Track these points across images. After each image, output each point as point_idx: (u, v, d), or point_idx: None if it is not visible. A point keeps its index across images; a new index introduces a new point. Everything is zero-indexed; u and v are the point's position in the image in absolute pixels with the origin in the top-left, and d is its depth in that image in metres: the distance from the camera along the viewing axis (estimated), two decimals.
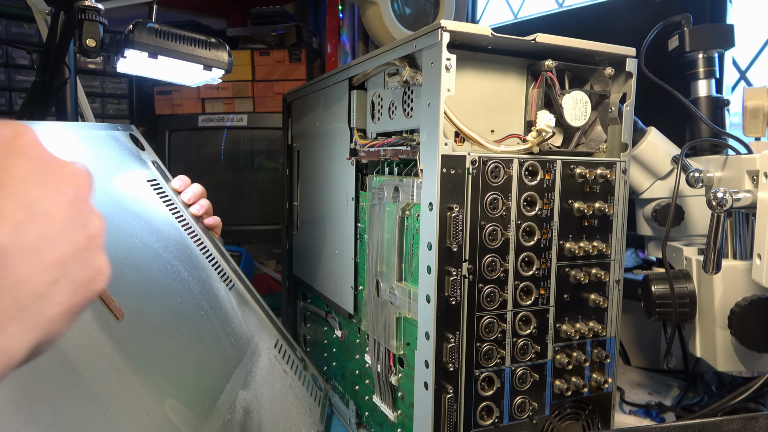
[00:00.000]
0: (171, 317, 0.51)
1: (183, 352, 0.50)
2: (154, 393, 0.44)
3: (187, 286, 0.55)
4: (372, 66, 0.60)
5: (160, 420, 0.43)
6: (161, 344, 0.49)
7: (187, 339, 0.51)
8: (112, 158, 0.58)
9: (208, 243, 0.64)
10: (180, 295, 0.54)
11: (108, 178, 0.55)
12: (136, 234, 0.53)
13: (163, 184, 0.63)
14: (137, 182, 0.60)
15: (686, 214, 0.76)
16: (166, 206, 0.61)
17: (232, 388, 0.53)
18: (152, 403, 0.44)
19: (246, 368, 0.57)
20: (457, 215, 0.49)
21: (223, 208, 1.35)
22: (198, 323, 0.54)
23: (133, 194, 0.58)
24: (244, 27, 1.43)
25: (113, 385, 0.41)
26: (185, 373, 0.49)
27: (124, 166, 0.59)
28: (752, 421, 0.48)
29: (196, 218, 0.65)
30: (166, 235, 0.58)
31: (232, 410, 0.51)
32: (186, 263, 0.57)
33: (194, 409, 0.47)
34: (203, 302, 0.56)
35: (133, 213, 0.55)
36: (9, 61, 1.26)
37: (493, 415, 0.54)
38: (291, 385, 0.62)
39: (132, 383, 0.43)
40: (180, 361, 0.49)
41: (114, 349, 0.43)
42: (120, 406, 0.41)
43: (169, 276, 0.54)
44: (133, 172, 0.60)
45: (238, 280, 0.65)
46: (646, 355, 0.94)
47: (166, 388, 0.46)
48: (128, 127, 0.65)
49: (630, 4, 0.95)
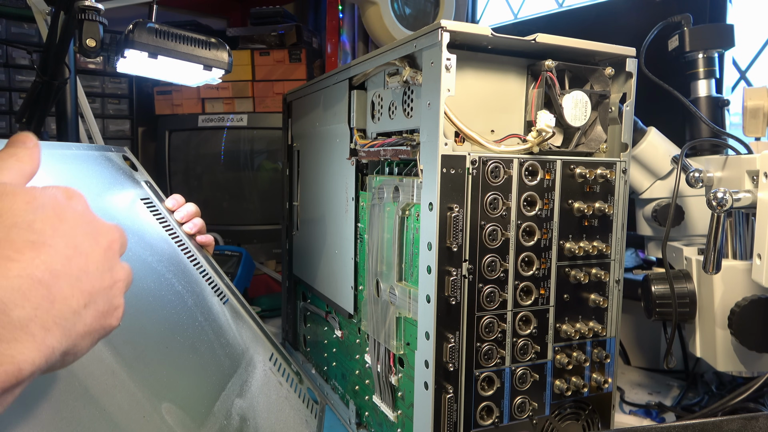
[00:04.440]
0: (165, 326, 0.52)
1: (178, 360, 0.51)
2: (149, 396, 0.45)
3: (182, 298, 0.56)
4: (372, 66, 0.60)
5: (156, 422, 0.44)
6: (156, 351, 0.49)
7: (181, 347, 0.52)
8: (105, 177, 0.59)
9: (201, 259, 0.65)
10: (174, 306, 0.54)
11: (101, 194, 0.56)
12: (131, 248, 0.53)
13: (156, 203, 0.64)
14: (131, 200, 0.61)
15: (686, 214, 0.76)
16: (160, 223, 0.62)
17: (228, 396, 0.53)
18: (148, 406, 0.44)
19: (241, 378, 0.57)
20: (457, 215, 0.49)
21: (223, 208, 1.36)
22: (192, 333, 0.54)
23: (126, 211, 0.58)
24: (244, 27, 1.43)
25: (110, 387, 0.42)
26: (180, 379, 0.50)
27: (117, 184, 0.60)
28: (752, 421, 0.48)
29: (189, 236, 0.66)
30: (159, 250, 0.58)
31: (228, 417, 0.51)
32: (180, 277, 0.58)
33: (190, 413, 0.47)
34: (197, 314, 0.57)
35: (127, 228, 0.56)
36: (9, 61, 1.26)
37: (493, 415, 0.54)
38: (287, 396, 0.63)
39: (128, 386, 0.43)
40: (175, 368, 0.50)
41: (110, 353, 0.43)
42: (117, 407, 0.41)
43: (164, 288, 0.55)
44: (127, 191, 0.61)
45: (232, 295, 0.66)
46: (646, 355, 0.94)
47: (161, 392, 0.46)
48: (121, 149, 0.66)
49: (630, 4, 0.95)
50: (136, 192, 0.62)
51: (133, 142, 1.46)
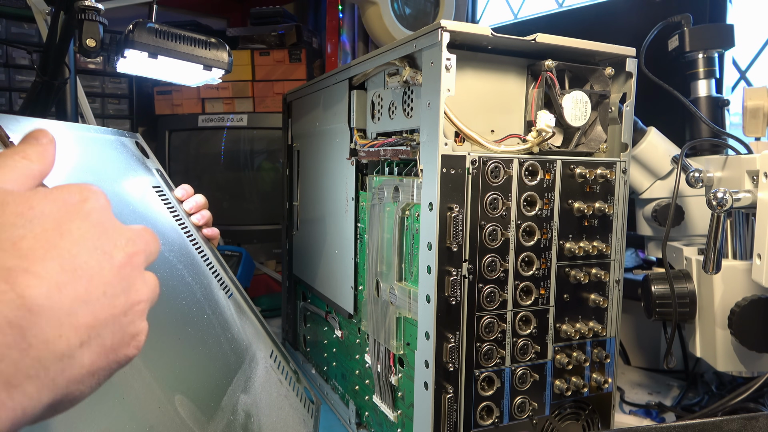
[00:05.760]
0: (177, 318, 0.52)
1: (189, 352, 0.51)
2: (164, 387, 0.45)
3: (191, 289, 0.56)
4: (372, 66, 0.60)
5: (170, 414, 0.44)
6: (169, 342, 0.49)
7: (192, 340, 0.52)
8: (121, 162, 0.59)
9: (208, 251, 0.65)
10: (185, 297, 0.54)
11: (117, 179, 0.56)
12: None
13: (166, 192, 0.64)
14: (144, 187, 0.61)
15: (686, 214, 0.76)
16: (170, 212, 0.62)
17: (234, 392, 0.53)
18: (163, 397, 0.45)
19: (246, 374, 0.57)
20: (457, 215, 0.49)
21: (223, 208, 1.36)
22: (201, 326, 0.54)
23: (140, 198, 0.58)
24: (244, 27, 1.43)
25: (127, 376, 0.42)
26: (192, 372, 0.50)
27: (132, 170, 0.60)
28: (752, 421, 0.48)
29: (196, 227, 0.66)
30: (170, 240, 0.58)
31: (234, 412, 0.52)
32: (189, 268, 0.58)
33: (201, 407, 0.48)
34: (206, 307, 0.57)
35: (141, 215, 0.56)
36: (9, 61, 1.26)
37: (493, 415, 0.54)
38: (286, 394, 0.63)
39: (144, 376, 0.44)
40: (187, 360, 0.50)
41: None
42: (134, 396, 0.42)
43: (175, 278, 0.55)
44: (140, 178, 0.61)
45: (235, 289, 0.66)
46: (646, 355, 0.94)
47: (174, 384, 0.47)
48: (134, 135, 0.66)
49: (630, 4, 0.95)
50: (148, 179, 0.62)
51: None
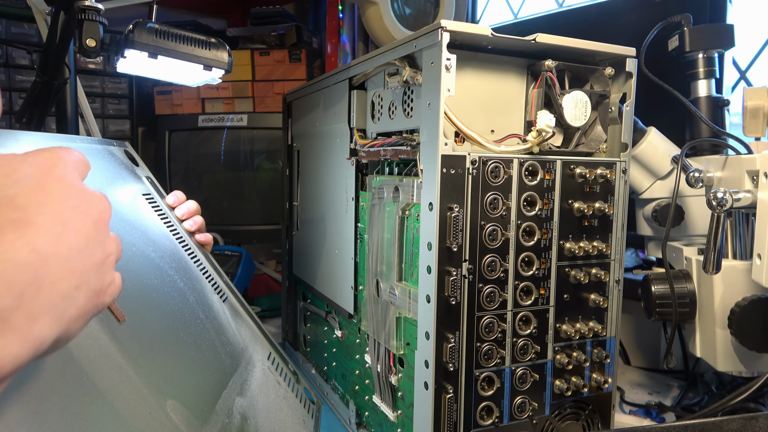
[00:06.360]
0: (169, 323, 0.52)
1: (181, 357, 0.51)
2: (155, 393, 0.45)
3: (183, 295, 0.56)
4: (372, 66, 0.60)
5: (161, 419, 0.44)
6: (160, 348, 0.49)
7: (184, 345, 0.52)
8: (109, 171, 0.59)
9: (201, 257, 0.65)
10: (177, 303, 0.55)
11: (105, 189, 0.56)
12: (134, 243, 0.54)
13: (157, 199, 0.65)
14: (133, 195, 0.61)
15: (686, 214, 0.76)
16: (161, 219, 0.63)
17: (229, 395, 0.53)
18: (154, 403, 0.44)
19: (242, 376, 0.57)
20: (457, 215, 0.49)
21: (223, 208, 1.36)
22: (195, 331, 0.55)
23: (129, 206, 0.59)
24: (244, 27, 1.43)
25: (116, 383, 0.42)
26: (184, 376, 0.50)
27: (120, 179, 0.60)
28: (752, 421, 0.48)
29: (189, 233, 0.66)
30: (162, 246, 0.58)
31: (229, 415, 0.52)
32: (181, 274, 0.58)
33: (193, 411, 0.48)
34: (199, 311, 0.57)
35: (131, 223, 0.56)
36: (9, 61, 1.26)
37: (493, 415, 0.54)
38: (285, 396, 0.63)
39: (134, 382, 0.43)
40: (179, 365, 0.50)
41: (116, 349, 0.43)
42: (124, 402, 0.42)
43: (167, 284, 0.55)
44: (129, 186, 0.61)
45: (231, 293, 0.66)
46: (646, 355, 0.94)
47: (166, 389, 0.46)
48: (123, 144, 0.66)
49: (630, 4, 0.95)
50: (138, 187, 0.63)
51: (133, 142, 1.46)
